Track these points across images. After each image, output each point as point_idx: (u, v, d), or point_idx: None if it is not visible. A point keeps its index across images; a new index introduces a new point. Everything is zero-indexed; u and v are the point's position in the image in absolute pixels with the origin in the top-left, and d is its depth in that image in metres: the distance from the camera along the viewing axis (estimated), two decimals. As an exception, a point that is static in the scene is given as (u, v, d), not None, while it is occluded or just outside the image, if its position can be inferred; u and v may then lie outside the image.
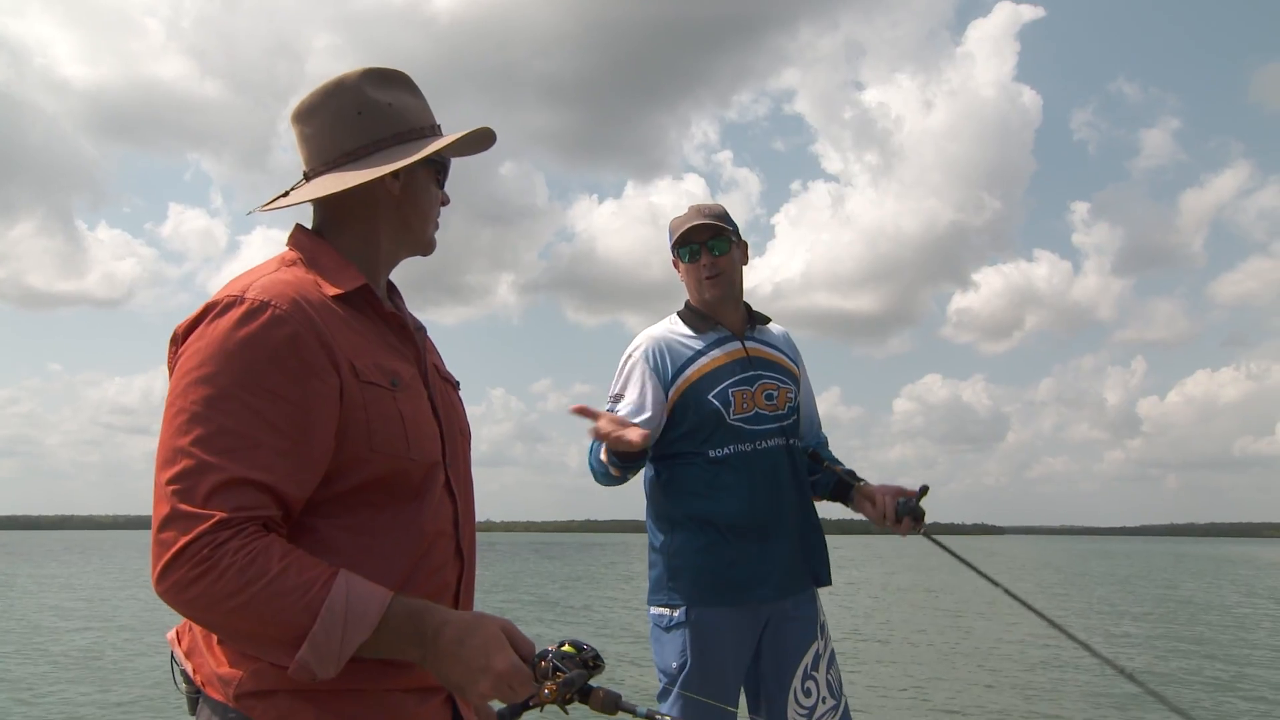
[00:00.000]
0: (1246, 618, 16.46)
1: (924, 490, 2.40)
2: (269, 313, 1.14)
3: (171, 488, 1.07)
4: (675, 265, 2.54)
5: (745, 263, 2.56)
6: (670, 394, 2.38)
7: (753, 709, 2.41)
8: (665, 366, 2.40)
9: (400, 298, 1.43)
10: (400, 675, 1.17)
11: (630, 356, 2.44)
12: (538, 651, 1.12)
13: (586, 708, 1.15)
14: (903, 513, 2.39)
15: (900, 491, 2.43)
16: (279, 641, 1.05)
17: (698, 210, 2.50)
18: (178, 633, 1.26)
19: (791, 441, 2.46)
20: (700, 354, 2.43)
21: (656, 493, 2.44)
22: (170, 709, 7.42)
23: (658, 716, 1.17)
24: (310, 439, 1.13)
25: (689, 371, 2.40)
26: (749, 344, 2.48)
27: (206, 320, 1.16)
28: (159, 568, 1.06)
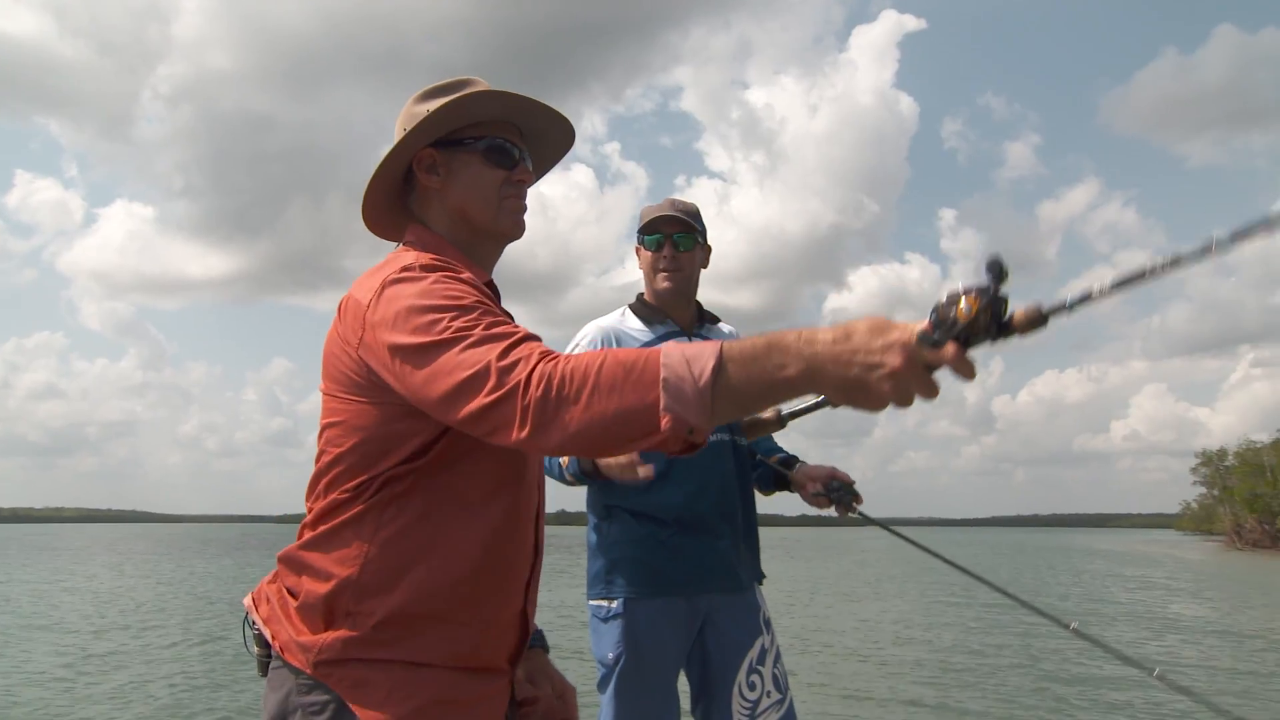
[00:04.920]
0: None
1: (855, 496, 2.36)
2: (441, 268, 1.23)
3: (471, 353, 1.08)
4: (638, 252, 2.57)
5: (705, 266, 2.60)
6: None
7: (696, 702, 2.44)
8: None
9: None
10: (467, 654, 1.25)
11: (576, 345, 2.45)
12: (933, 306, 0.96)
13: (1004, 343, 0.97)
14: (834, 499, 2.37)
15: (832, 474, 2.41)
16: (640, 407, 1.00)
17: (671, 203, 2.53)
18: (254, 599, 1.31)
19: (736, 438, 2.49)
20: (647, 345, 2.42)
21: (597, 483, 2.43)
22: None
23: (1094, 291, 0.94)
24: None
25: None
26: (695, 339, 2.50)
27: (383, 287, 1.20)
28: (516, 418, 1.03)
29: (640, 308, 2.54)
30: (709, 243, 2.60)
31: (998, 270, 0.93)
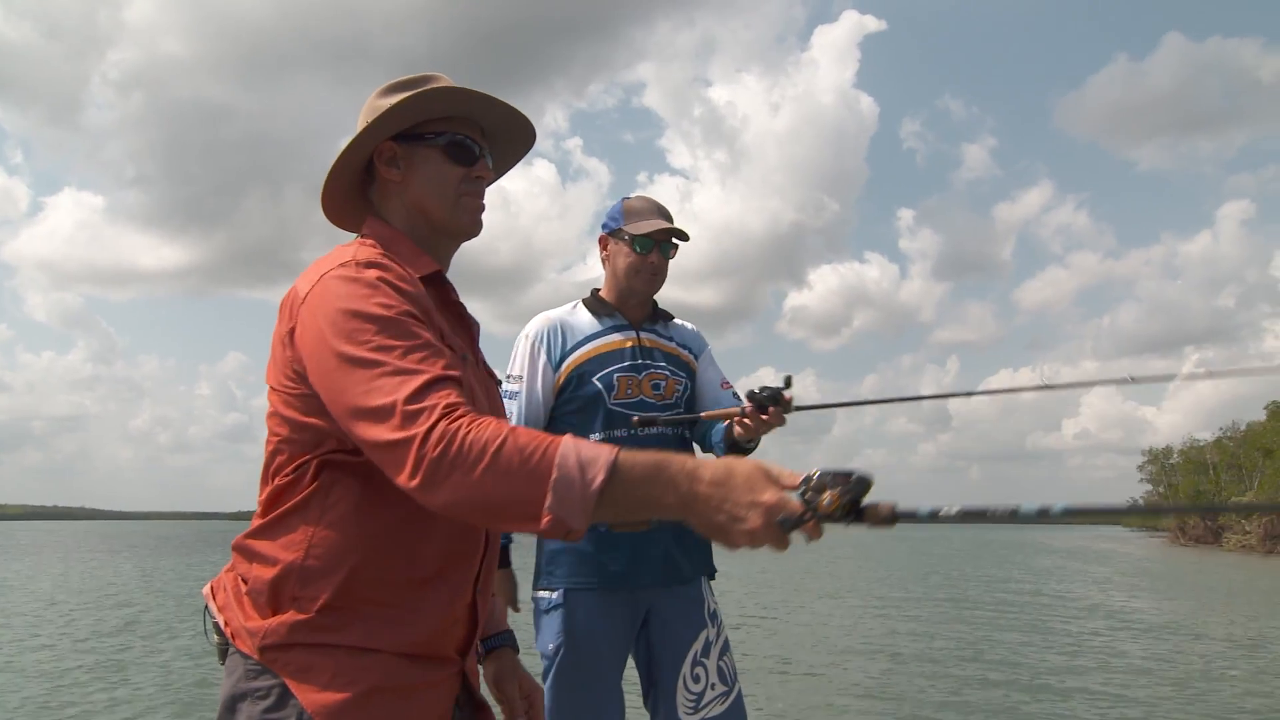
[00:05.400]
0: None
1: (787, 381, 2.27)
2: (378, 265, 1.25)
3: (384, 382, 1.12)
4: (604, 242, 2.58)
5: None
6: (559, 372, 2.45)
7: (646, 695, 2.47)
8: (556, 345, 2.47)
9: (456, 292, 1.48)
10: (416, 641, 1.25)
11: (526, 336, 2.51)
12: (801, 479, 1.06)
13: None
14: (766, 403, 2.26)
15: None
16: (527, 501, 1.05)
17: (659, 209, 2.55)
18: (212, 588, 1.32)
19: (678, 431, 2.50)
20: (592, 337, 2.50)
21: None
22: None
23: (941, 511, 1.05)
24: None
25: (578, 352, 2.47)
26: (643, 334, 2.55)
27: (319, 280, 1.23)
28: (408, 466, 1.08)
29: (593, 302, 2.57)
30: None
31: (865, 486, 1.04)
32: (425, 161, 1.38)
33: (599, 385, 2.43)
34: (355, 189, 1.45)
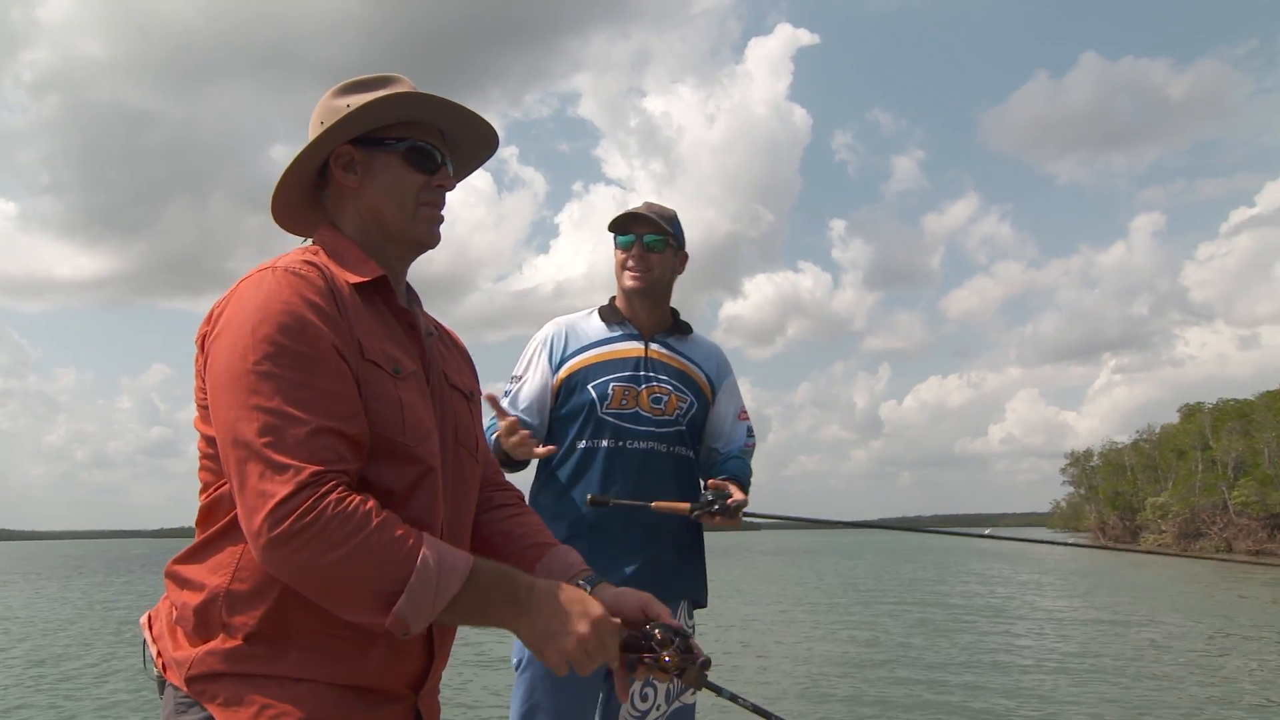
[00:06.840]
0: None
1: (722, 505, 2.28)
2: (291, 276, 1.17)
3: (259, 420, 1.07)
4: (616, 254, 2.51)
5: (680, 272, 2.55)
6: (557, 376, 2.41)
7: (603, 708, 2.42)
8: (559, 349, 2.44)
9: (419, 303, 1.42)
10: (357, 673, 1.17)
11: (534, 338, 2.49)
12: (647, 626, 1.23)
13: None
14: (717, 510, 2.28)
15: (711, 485, 2.35)
16: (376, 596, 1.06)
17: (648, 205, 2.50)
18: (149, 618, 1.25)
19: (674, 450, 2.43)
20: (597, 344, 2.45)
21: (537, 474, 2.45)
22: None
23: (740, 700, 1.24)
24: (353, 386, 1.16)
25: (579, 358, 2.43)
26: (653, 346, 2.48)
27: (236, 286, 1.19)
28: (260, 519, 1.05)
29: (606, 309, 2.53)
30: (685, 251, 2.54)
31: (701, 662, 1.22)
32: (384, 168, 1.30)
33: (593, 393, 2.37)
34: (308, 194, 1.36)
